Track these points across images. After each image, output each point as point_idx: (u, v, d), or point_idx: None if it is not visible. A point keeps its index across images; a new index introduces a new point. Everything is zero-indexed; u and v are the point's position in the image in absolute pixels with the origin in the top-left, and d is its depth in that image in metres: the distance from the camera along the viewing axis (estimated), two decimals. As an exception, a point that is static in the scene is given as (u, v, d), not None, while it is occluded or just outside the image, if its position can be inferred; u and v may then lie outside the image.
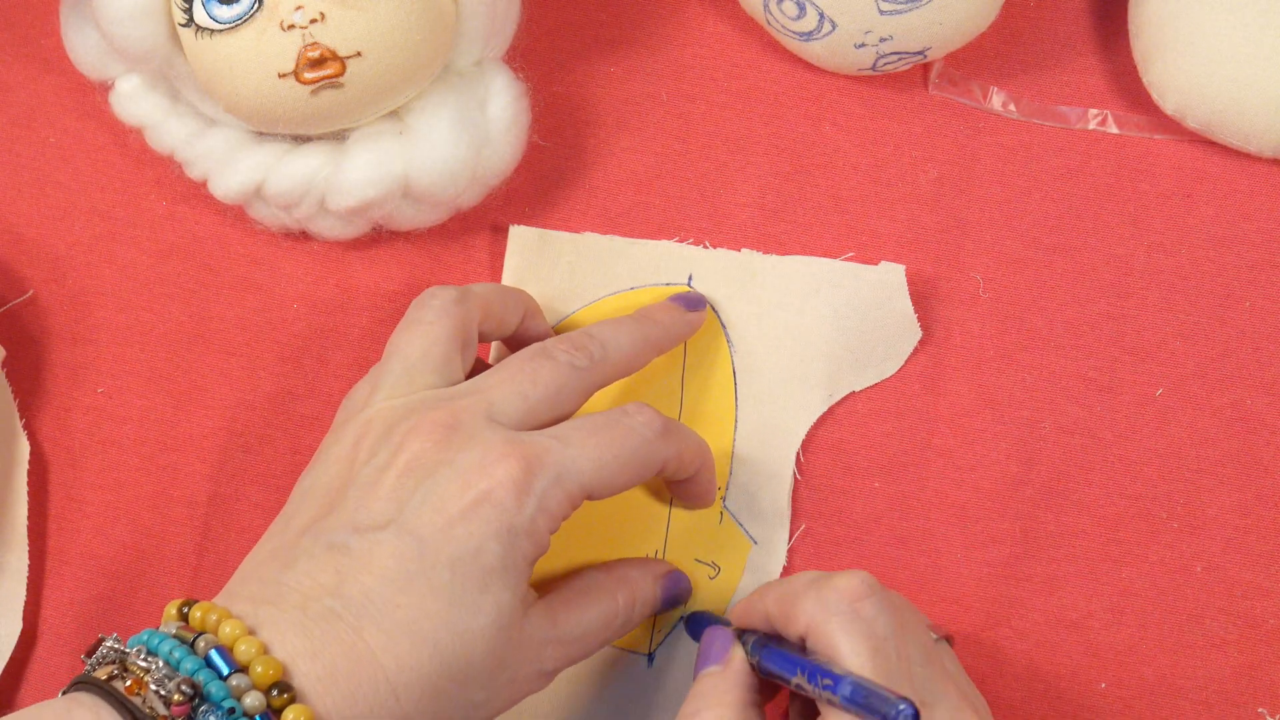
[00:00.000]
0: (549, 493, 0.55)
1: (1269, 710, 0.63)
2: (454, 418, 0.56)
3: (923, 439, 0.66)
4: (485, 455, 0.54)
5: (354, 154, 0.63)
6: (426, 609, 0.52)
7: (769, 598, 0.57)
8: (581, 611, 0.58)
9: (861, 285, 0.66)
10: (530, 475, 0.54)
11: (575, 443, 0.56)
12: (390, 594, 0.52)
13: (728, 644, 0.57)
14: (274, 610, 0.52)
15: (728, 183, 0.68)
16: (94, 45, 0.64)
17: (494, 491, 0.54)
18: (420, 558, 0.53)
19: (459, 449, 0.55)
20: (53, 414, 0.66)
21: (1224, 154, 0.68)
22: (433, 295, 0.60)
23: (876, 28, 0.65)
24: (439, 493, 0.54)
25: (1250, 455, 0.65)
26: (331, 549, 0.53)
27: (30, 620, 0.64)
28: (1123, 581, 0.64)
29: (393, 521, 0.54)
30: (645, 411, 0.58)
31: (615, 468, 0.56)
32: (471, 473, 0.54)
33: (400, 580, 0.53)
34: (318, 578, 0.53)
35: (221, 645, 0.51)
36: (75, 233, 0.68)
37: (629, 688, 0.63)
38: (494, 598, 0.53)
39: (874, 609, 0.54)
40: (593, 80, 0.70)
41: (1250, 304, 0.67)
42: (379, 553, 0.53)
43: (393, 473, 0.55)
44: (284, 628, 0.52)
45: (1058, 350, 0.66)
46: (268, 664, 0.50)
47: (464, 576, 0.53)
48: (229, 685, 0.50)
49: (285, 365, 0.66)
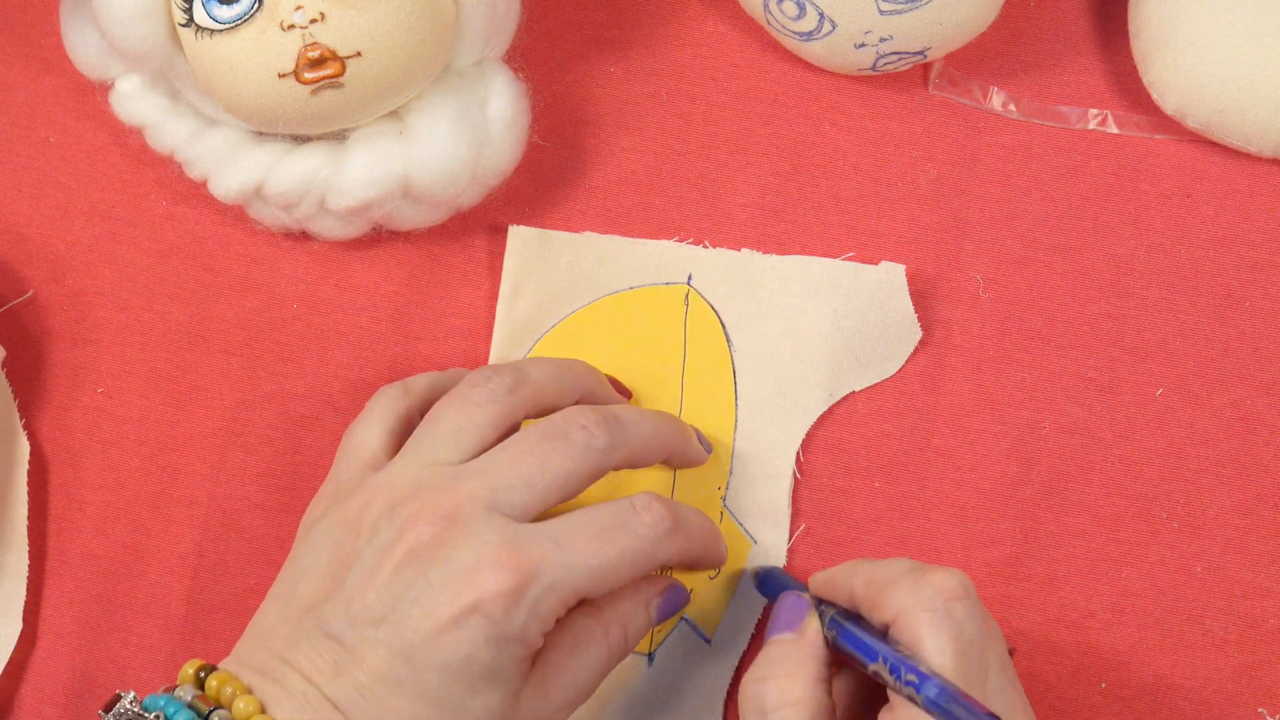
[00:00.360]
0: (542, 600, 0.54)
1: (1269, 710, 0.63)
2: (455, 508, 0.55)
3: (923, 439, 0.66)
4: (479, 559, 0.54)
5: (354, 154, 0.63)
6: (415, 713, 0.53)
7: (858, 576, 0.56)
8: (575, 672, 0.57)
9: (862, 285, 0.66)
10: (523, 587, 0.54)
11: (574, 548, 0.55)
12: (381, 693, 0.53)
13: (803, 612, 0.57)
14: (279, 690, 0.54)
15: (728, 183, 0.68)
16: (94, 45, 0.64)
17: (484, 603, 0.54)
18: (409, 662, 0.53)
19: (455, 545, 0.55)
20: (53, 414, 0.66)
21: (1224, 154, 0.68)
22: (487, 378, 0.59)
23: (876, 28, 0.65)
24: (431, 596, 0.54)
25: (1250, 455, 0.65)
26: (329, 638, 0.54)
27: (30, 620, 0.64)
28: (1123, 581, 0.64)
29: (386, 620, 0.54)
30: (654, 509, 0.57)
31: (612, 571, 0.56)
32: (463, 579, 0.54)
33: (390, 682, 0.53)
34: (317, 664, 0.54)
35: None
36: (75, 233, 0.68)
37: (629, 688, 0.63)
38: (483, 700, 0.54)
39: (966, 611, 0.54)
40: (593, 80, 0.70)
41: (1250, 304, 0.67)
42: (371, 652, 0.54)
43: (391, 561, 0.55)
44: (289, 711, 0.53)
45: (1058, 350, 0.66)
46: None
47: (452, 681, 0.53)
48: None
49: (285, 365, 0.66)
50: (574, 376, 0.62)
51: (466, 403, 0.59)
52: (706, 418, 0.66)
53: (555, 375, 0.61)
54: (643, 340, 0.66)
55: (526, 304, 0.67)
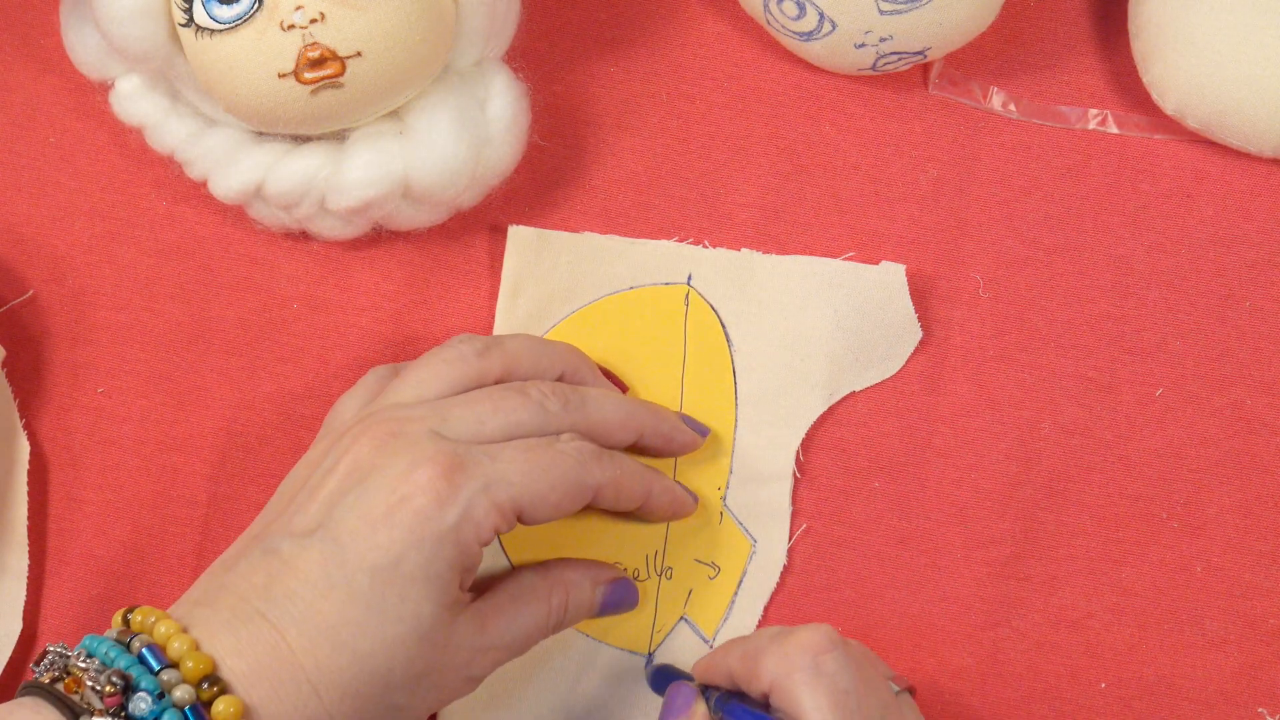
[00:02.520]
0: (475, 501, 0.55)
1: (1269, 710, 0.63)
2: (399, 426, 0.56)
3: (923, 439, 0.66)
4: (413, 461, 0.55)
5: (354, 154, 0.63)
6: (346, 616, 0.53)
7: (733, 654, 0.57)
8: (513, 618, 0.58)
9: (862, 285, 0.66)
10: (454, 483, 0.54)
11: (504, 458, 0.56)
12: (312, 599, 0.53)
13: (690, 699, 0.58)
14: (208, 611, 0.54)
15: (728, 183, 0.68)
16: (94, 45, 0.64)
17: (414, 497, 0.54)
18: (342, 564, 0.54)
19: (395, 454, 0.55)
20: (53, 414, 0.66)
21: (1224, 154, 0.68)
22: (458, 340, 0.60)
23: (876, 28, 0.65)
24: (367, 499, 0.54)
25: (1250, 455, 0.65)
26: (266, 554, 0.55)
27: (30, 620, 0.64)
28: (1123, 581, 0.64)
29: (321, 527, 0.54)
30: (579, 439, 0.58)
31: (545, 486, 0.56)
32: (398, 479, 0.54)
33: (322, 586, 0.54)
34: (251, 579, 0.54)
35: (154, 644, 0.53)
36: (75, 233, 0.68)
37: (628, 688, 0.63)
38: (414, 607, 0.54)
39: (836, 664, 0.54)
40: (593, 80, 0.70)
41: (1250, 304, 0.67)
42: (305, 558, 0.54)
43: (333, 478, 0.56)
44: (215, 627, 0.53)
45: (1058, 350, 0.66)
46: (198, 659, 0.52)
47: (383, 584, 0.53)
48: (159, 679, 0.52)
49: (285, 365, 0.66)
50: (554, 353, 0.62)
51: (434, 359, 0.60)
52: (706, 417, 0.66)
53: (532, 348, 0.62)
54: (643, 340, 0.66)
55: (526, 304, 0.67)
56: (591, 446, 0.58)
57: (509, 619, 0.58)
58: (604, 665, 0.64)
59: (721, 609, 0.64)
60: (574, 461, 0.57)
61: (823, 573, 0.64)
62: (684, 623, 0.64)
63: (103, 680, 0.52)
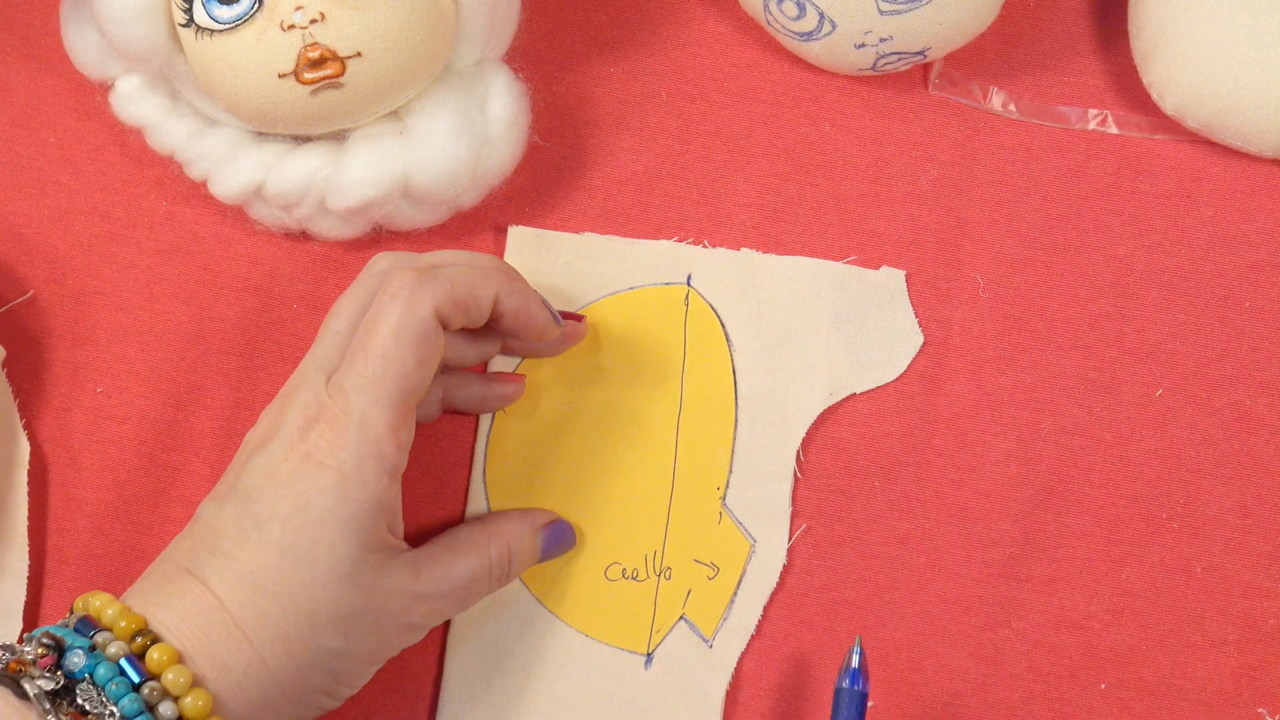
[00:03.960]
0: (366, 429, 0.56)
1: (1269, 710, 0.63)
2: (293, 381, 0.59)
3: (923, 439, 0.66)
4: (308, 420, 0.57)
5: (354, 154, 0.63)
6: (263, 562, 0.56)
7: None
8: (449, 567, 0.59)
9: (862, 288, 0.66)
10: (341, 432, 0.56)
11: (364, 354, 0.56)
12: (230, 550, 0.56)
13: None
14: (143, 584, 0.57)
15: (728, 183, 0.68)
16: (94, 45, 0.64)
17: (312, 453, 0.56)
18: (254, 518, 0.56)
19: (287, 413, 0.58)
20: (53, 414, 0.66)
21: (1224, 154, 0.68)
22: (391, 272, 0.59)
23: (876, 28, 0.65)
24: (270, 458, 0.57)
25: (1250, 455, 0.65)
26: (193, 522, 0.58)
27: (30, 620, 0.64)
28: (1123, 581, 0.64)
29: (234, 489, 0.57)
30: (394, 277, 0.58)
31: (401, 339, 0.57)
32: (294, 438, 0.57)
33: (238, 539, 0.56)
34: (180, 546, 0.57)
35: (88, 615, 0.55)
36: (75, 233, 0.68)
37: (627, 688, 0.63)
38: (329, 549, 0.56)
39: None
40: (593, 80, 0.70)
41: (1250, 304, 0.67)
42: (221, 517, 0.57)
43: (249, 445, 0.58)
44: (146, 591, 0.56)
45: (1058, 350, 0.66)
46: (130, 618, 0.55)
47: (295, 531, 0.56)
48: (93, 640, 0.54)
49: (285, 365, 0.66)
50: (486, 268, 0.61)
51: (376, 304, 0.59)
52: (707, 417, 0.66)
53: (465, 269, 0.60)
54: (643, 340, 0.66)
55: (526, 304, 0.66)
56: (408, 275, 0.58)
57: (445, 567, 0.59)
58: (604, 665, 0.64)
59: (721, 609, 0.64)
60: (407, 300, 0.57)
61: (823, 573, 0.64)
62: (683, 623, 0.64)
63: (34, 646, 0.54)
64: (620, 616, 0.64)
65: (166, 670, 0.54)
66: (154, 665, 0.54)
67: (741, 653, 0.64)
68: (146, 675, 0.54)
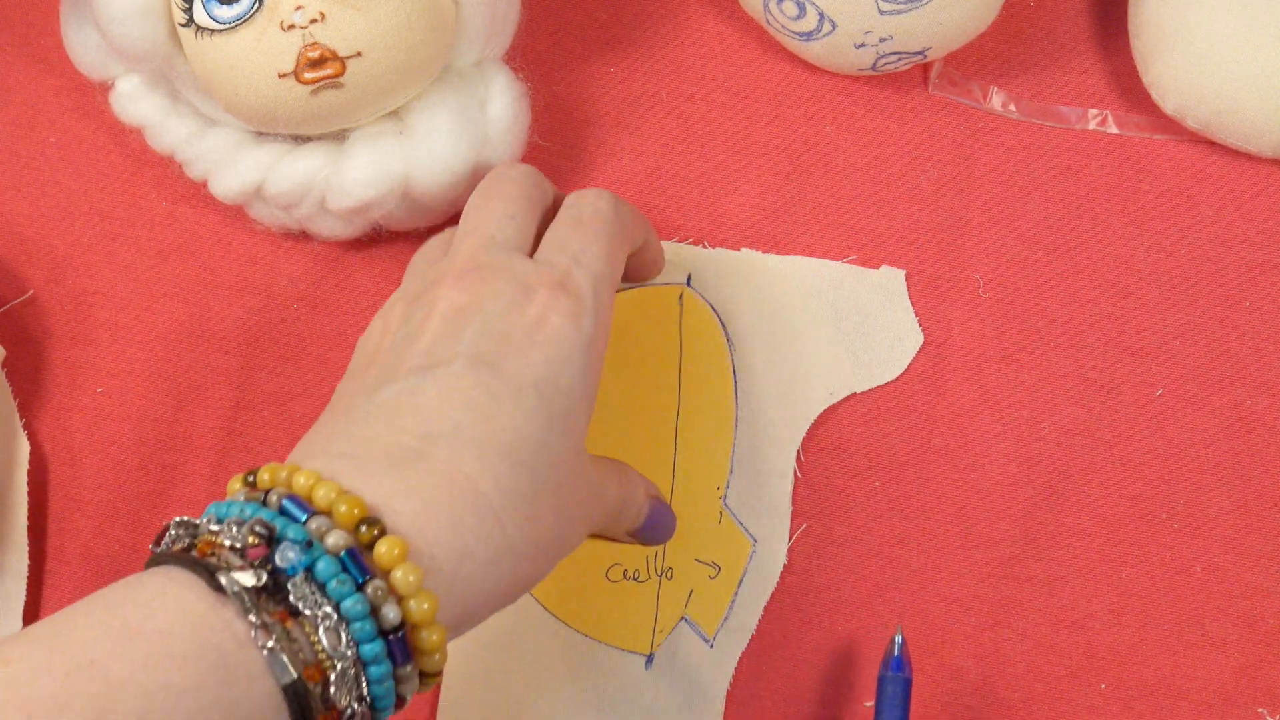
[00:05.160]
0: (599, 304, 0.54)
1: (1269, 710, 0.63)
2: (471, 260, 0.54)
3: (923, 439, 0.66)
4: (523, 286, 0.53)
5: (354, 154, 0.63)
6: (521, 433, 0.50)
7: None
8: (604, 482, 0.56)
9: (862, 287, 0.66)
10: (572, 293, 0.53)
11: (581, 249, 0.55)
12: (479, 421, 0.50)
13: None
14: (355, 462, 0.49)
15: (728, 183, 0.68)
16: (94, 45, 0.64)
17: (548, 317, 0.53)
18: (505, 383, 0.51)
19: (491, 285, 0.53)
20: (53, 414, 0.66)
21: (1224, 154, 0.68)
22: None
23: (876, 28, 0.65)
24: (495, 327, 0.52)
25: (1250, 455, 0.65)
26: (402, 394, 0.51)
27: (30, 620, 0.64)
28: (1123, 581, 0.64)
29: (459, 355, 0.51)
30: (588, 192, 0.58)
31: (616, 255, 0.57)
32: (515, 304, 0.52)
33: (489, 406, 0.50)
34: (397, 422, 0.50)
35: (296, 495, 0.47)
36: (75, 233, 0.68)
37: (628, 688, 0.64)
38: (576, 420, 0.52)
39: None
40: (593, 80, 0.70)
41: (1250, 304, 0.67)
42: (458, 385, 0.51)
43: (433, 323, 0.53)
44: (370, 473, 0.48)
45: (1058, 350, 0.67)
46: (351, 502, 0.47)
47: (549, 399, 0.51)
48: (307, 528, 0.46)
49: (285, 365, 0.66)
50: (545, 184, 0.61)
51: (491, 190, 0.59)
52: (706, 417, 0.66)
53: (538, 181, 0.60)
54: (640, 340, 0.66)
55: (526, 304, 0.66)
56: (606, 194, 0.58)
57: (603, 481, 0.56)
58: (604, 665, 0.64)
59: (722, 608, 0.64)
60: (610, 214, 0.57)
61: (823, 573, 0.64)
62: (685, 623, 0.64)
63: (242, 533, 0.46)
64: (622, 617, 0.64)
65: (396, 567, 0.46)
66: (383, 560, 0.46)
67: (741, 653, 0.64)
68: (369, 572, 0.46)
